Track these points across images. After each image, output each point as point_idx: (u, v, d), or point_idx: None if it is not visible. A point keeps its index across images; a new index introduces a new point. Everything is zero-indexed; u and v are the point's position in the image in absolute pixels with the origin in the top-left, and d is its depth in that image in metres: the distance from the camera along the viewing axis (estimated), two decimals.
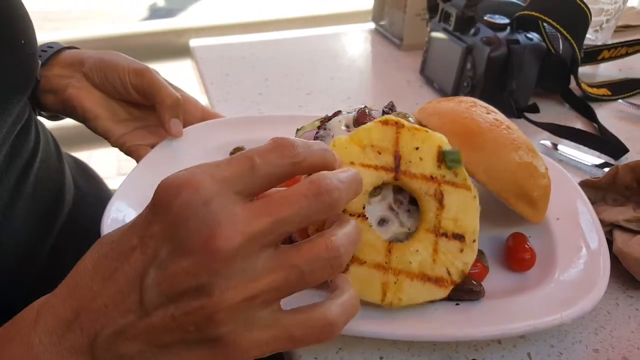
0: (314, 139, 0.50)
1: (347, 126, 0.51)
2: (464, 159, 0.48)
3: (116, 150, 0.69)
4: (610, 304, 0.51)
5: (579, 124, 0.83)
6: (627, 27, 1.17)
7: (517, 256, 0.51)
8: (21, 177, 0.57)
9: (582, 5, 0.77)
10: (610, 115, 0.85)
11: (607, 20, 1.02)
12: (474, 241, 0.43)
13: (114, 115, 0.68)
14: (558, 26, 0.76)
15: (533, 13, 0.77)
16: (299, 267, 0.30)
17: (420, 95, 0.91)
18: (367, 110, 0.51)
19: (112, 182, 0.83)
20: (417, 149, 0.43)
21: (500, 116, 0.52)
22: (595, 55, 0.96)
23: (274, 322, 0.31)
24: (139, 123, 0.70)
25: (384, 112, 0.52)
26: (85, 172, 0.81)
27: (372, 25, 1.21)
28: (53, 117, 0.73)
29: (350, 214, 0.42)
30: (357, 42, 1.16)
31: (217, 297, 0.28)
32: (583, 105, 0.84)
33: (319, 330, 0.32)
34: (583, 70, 0.96)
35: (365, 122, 0.50)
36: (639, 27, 1.17)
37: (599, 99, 0.89)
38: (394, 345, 0.46)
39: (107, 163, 2.41)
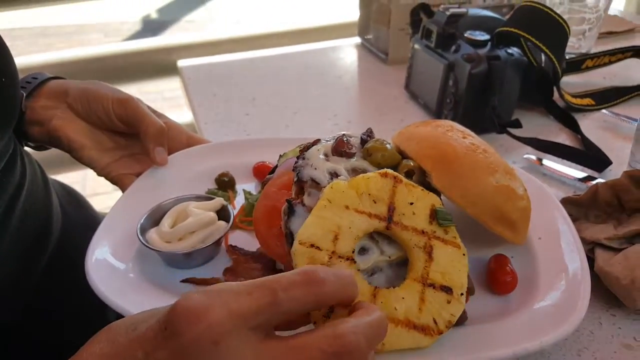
0: (293, 169, 0.51)
1: (326, 155, 0.51)
2: (441, 184, 0.49)
3: None
4: (594, 323, 0.51)
5: (563, 136, 0.84)
6: (610, 34, 1.18)
7: (498, 279, 0.51)
8: (7, 211, 0.57)
9: (560, 20, 0.78)
10: (594, 126, 0.86)
11: (590, 29, 1.03)
12: (461, 294, 0.44)
13: (98, 145, 0.68)
14: (537, 42, 0.77)
15: (512, 29, 0.78)
16: None
17: (405, 111, 0.92)
18: (345, 139, 0.52)
19: (108, 197, 0.84)
20: (411, 204, 0.45)
21: (477, 140, 0.53)
22: (579, 64, 0.97)
23: None
24: (124, 152, 0.70)
25: (362, 139, 0.53)
26: (73, 198, 0.81)
27: (358, 39, 1.22)
28: (39, 148, 0.74)
29: (340, 257, 0.42)
30: (343, 57, 1.17)
31: None
32: (567, 117, 0.85)
33: None
34: (567, 79, 0.97)
35: (344, 150, 0.51)
36: (622, 33, 1.18)
37: (583, 109, 0.89)
38: None
39: (101, 181, 2.41)
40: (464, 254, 0.45)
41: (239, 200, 0.67)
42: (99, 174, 0.69)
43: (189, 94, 1.02)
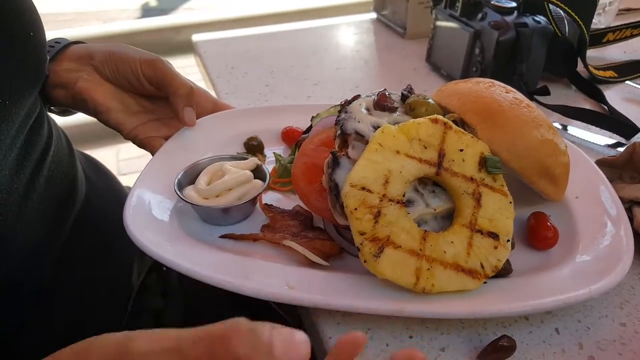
0: (335, 123, 0.50)
1: (367, 109, 0.50)
2: (487, 137, 0.49)
3: (116, 150, 0.69)
4: (634, 278, 0.51)
5: (587, 106, 0.83)
6: (628, 10, 1.17)
7: (540, 234, 0.51)
8: (35, 170, 0.57)
9: None
10: (618, 97, 0.86)
11: (610, 3, 1.03)
12: (508, 241, 0.45)
13: (126, 108, 0.67)
14: (566, 7, 0.76)
15: None
16: None
17: (427, 82, 0.91)
18: (387, 93, 0.51)
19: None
20: (461, 150, 0.45)
21: (519, 95, 0.52)
22: (600, 38, 0.97)
23: None
24: (151, 115, 0.69)
25: (402, 95, 0.52)
26: (96, 167, 0.80)
27: (374, 15, 1.21)
28: (64, 112, 0.73)
29: (390, 200, 0.43)
30: (360, 32, 1.16)
31: None
32: (591, 88, 0.85)
33: None
34: (588, 53, 0.96)
35: (386, 104, 0.51)
36: None
37: (606, 81, 0.89)
38: (423, 324, 0.46)
39: (106, 163, 2.40)
40: (510, 202, 0.46)
41: (269, 164, 0.66)
42: (126, 137, 0.68)
43: (206, 68, 1.01)
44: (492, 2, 0.80)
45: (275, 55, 1.04)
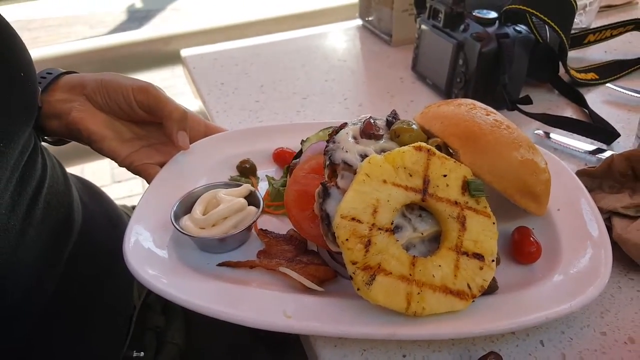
0: (324, 153, 0.52)
1: (355, 137, 0.52)
2: (469, 161, 0.51)
3: (109, 159, 0.70)
4: (613, 287, 0.54)
5: (569, 110, 0.86)
6: (609, 7, 1.19)
7: (523, 250, 0.54)
8: (31, 204, 0.58)
9: None
10: (600, 100, 0.88)
11: (591, 3, 1.04)
12: (492, 261, 0.47)
13: (119, 136, 0.69)
14: (546, 18, 0.78)
15: (520, 7, 0.79)
16: None
17: (414, 91, 0.93)
18: (372, 121, 0.53)
19: (108, 190, 0.84)
20: (444, 176, 0.47)
21: (499, 116, 0.54)
22: (581, 39, 0.99)
23: None
24: (144, 142, 0.71)
25: (387, 121, 0.54)
26: (91, 191, 0.82)
27: (359, 21, 1.22)
28: (57, 142, 0.74)
29: (379, 229, 0.45)
30: (346, 40, 1.17)
31: None
32: (573, 92, 0.87)
33: None
34: (570, 54, 0.98)
35: (372, 132, 0.53)
36: (622, 6, 1.20)
37: (588, 84, 0.91)
38: (415, 343, 0.48)
39: (101, 173, 2.41)
40: (493, 223, 0.48)
41: (262, 186, 0.68)
42: (121, 165, 0.69)
43: (196, 84, 1.02)
44: (474, 14, 0.82)
45: (264, 68, 1.05)
